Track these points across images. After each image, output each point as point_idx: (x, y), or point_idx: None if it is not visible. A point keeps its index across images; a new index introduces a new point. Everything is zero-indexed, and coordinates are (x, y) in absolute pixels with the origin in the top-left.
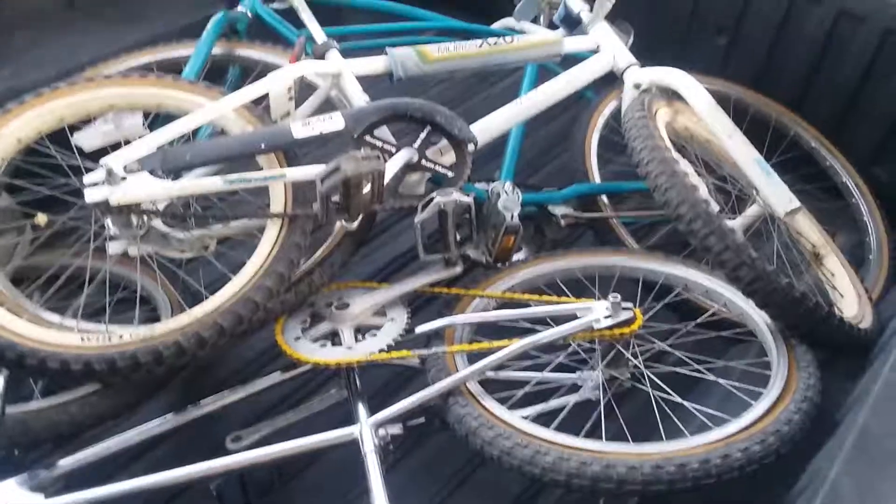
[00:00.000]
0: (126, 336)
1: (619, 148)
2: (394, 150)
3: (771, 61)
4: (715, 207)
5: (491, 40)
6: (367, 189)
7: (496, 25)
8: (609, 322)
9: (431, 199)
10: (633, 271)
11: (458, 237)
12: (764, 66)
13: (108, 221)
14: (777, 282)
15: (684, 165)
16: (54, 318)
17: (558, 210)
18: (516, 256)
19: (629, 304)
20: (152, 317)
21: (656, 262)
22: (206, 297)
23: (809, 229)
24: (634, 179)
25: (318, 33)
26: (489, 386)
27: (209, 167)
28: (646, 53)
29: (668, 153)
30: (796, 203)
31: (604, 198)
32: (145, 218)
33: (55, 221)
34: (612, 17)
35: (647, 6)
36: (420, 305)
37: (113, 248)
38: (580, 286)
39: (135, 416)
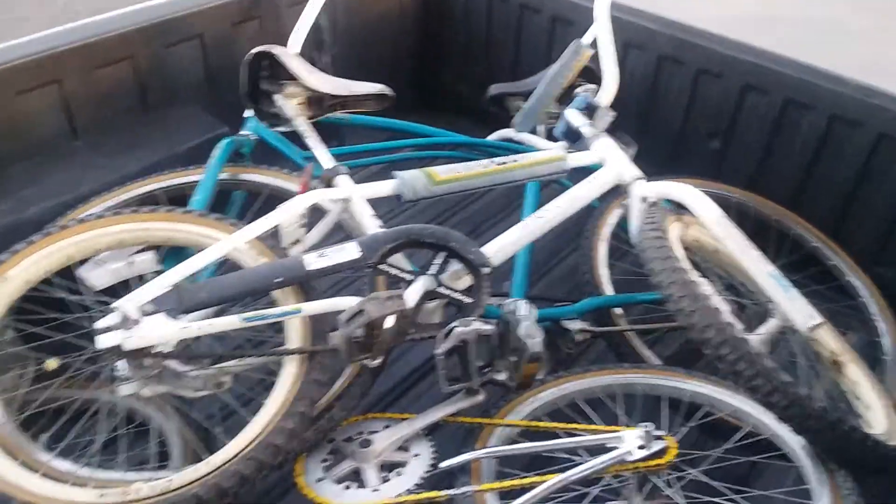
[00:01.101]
0: (144, 490)
1: (626, 254)
2: (410, 278)
3: (766, 163)
4: (740, 328)
5: (497, 160)
6: (389, 324)
7: (494, 136)
8: (643, 453)
9: (452, 329)
10: (657, 389)
11: (479, 364)
12: (759, 169)
13: (120, 364)
14: (812, 406)
15: (704, 285)
16: (65, 465)
17: (573, 325)
18: None
19: (661, 433)
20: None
21: (680, 379)
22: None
23: (828, 338)
24: (644, 287)
25: (326, 158)
26: None
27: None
28: (640, 157)
29: (688, 274)
30: (818, 318)
31: (617, 310)
32: (157, 360)
33: (66, 365)
34: (610, 129)
35: (639, 113)
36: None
37: (125, 389)
38: (601, 404)
39: None
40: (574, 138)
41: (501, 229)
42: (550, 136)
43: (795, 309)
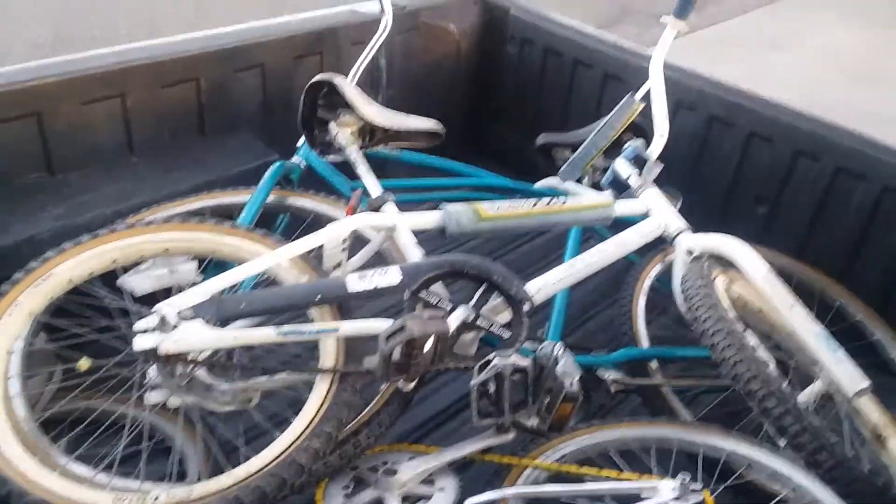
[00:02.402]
0: (162, 497)
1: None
2: (449, 307)
3: (813, 231)
4: (787, 385)
5: (544, 200)
6: (427, 348)
7: (540, 184)
8: None
9: (489, 362)
10: (692, 446)
11: (513, 401)
12: (806, 236)
13: (152, 370)
14: (860, 469)
15: (751, 336)
16: (84, 470)
17: (608, 375)
18: None
19: (698, 486)
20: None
21: (717, 437)
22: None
23: (872, 408)
24: (682, 343)
25: (374, 186)
26: None
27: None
28: (685, 215)
29: (735, 325)
30: (866, 382)
31: (653, 363)
32: (190, 367)
33: (97, 366)
34: (657, 184)
35: (686, 171)
36: None
37: (153, 397)
38: (633, 457)
39: None
40: (621, 188)
41: (542, 272)
42: (595, 188)
43: (842, 372)
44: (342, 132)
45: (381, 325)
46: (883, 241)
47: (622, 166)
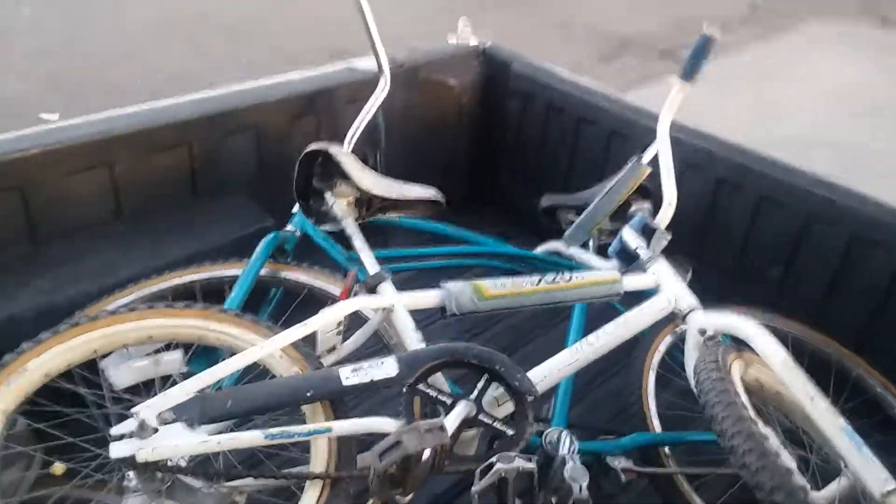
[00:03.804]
0: None
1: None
2: (449, 401)
3: (830, 298)
4: (810, 491)
5: (548, 277)
6: (426, 457)
7: (542, 248)
8: None
9: (491, 465)
10: None
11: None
12: (822, 303)
13: (131, 475)
14: None
15: (772, 438)
16: None
17: (618, 463)
18: None
19: None
20: None
21: None
22: None
23: None
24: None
25: (371, 263)
26: None
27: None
28: (694, 280)
29: (756, 426)
30: (894, 483)
31: (666, 449)
32: (171, 474)
33: (74, 471)
34: (665, 249)
35: (694, 234)
36: None
37: (132, 503)
38: None
39: None
40: (629, 259)
41: (545, 342)
42: (600, 252)
43: (868, 470)
44: (338, 203)
45: (378, 425)
46: None
47: (630, 236)
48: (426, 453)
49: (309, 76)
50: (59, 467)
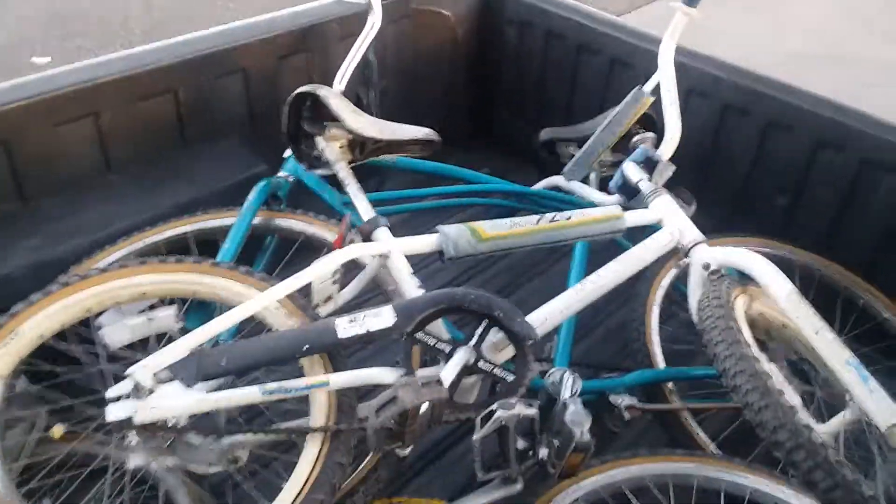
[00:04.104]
0: None
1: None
2: (447, 349)
3: (838, 225)
4: (814, 428)
5: (548, 216)
6: (423, 412)
7: (542, 184)
8: None
9: (492, 413)
10: (714, 482)
11: (520, 448)
12: (830, 230)
13: (131, 436)
14: None
15: (776, 375)
16: None
17: (621, 401)
18: None
19: None
20: None
21: (741, 473)
22: None
23: None
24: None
25: (366, 209)
26: None
27: None
28: (699, 212)
29: (759, 364)
30: None
31: (669, 384)
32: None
33: (73, 433)
34: (668, 182)
35: (699, 164)
36: None
37: (133, 461)
38: (648, 493)
39: None
40: (631, 193)
41: (545, 280)
42: (602, 186)
43: (876, 404)
44: (330, 147)
45: (376, 376)
46: None
47: (631, 170)
48: (424, 407)
49: (297, 11)
50: (58, 430)
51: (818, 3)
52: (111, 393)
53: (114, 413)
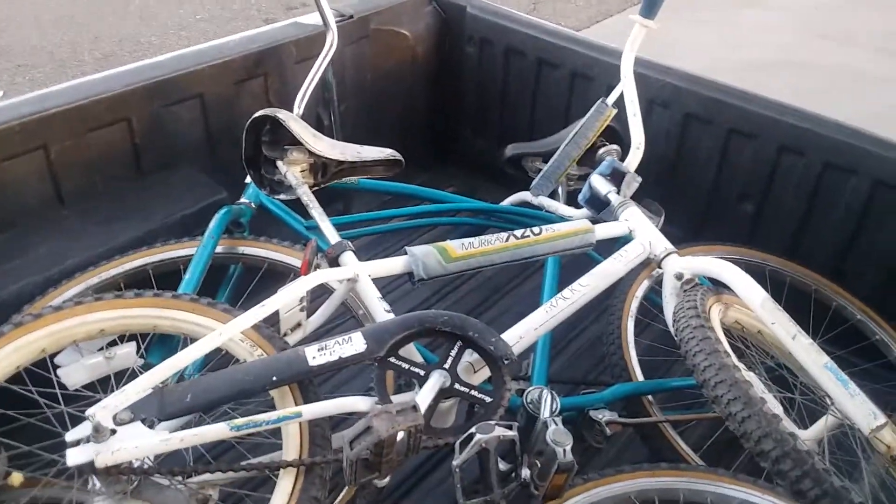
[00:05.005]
0: None
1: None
2: (422, 373)
3: (804, 229)
4: (798, 436)
5: (517, 233)
6: (400, 438)
7: (510, 200)
8: None
9: (471, 437)
10: (700, 495)
11: (501, 470)
12: (797, 235)
13: (94, 480)
14: None
15: (756, 384)
16: None
17: (601, 416)
18: None
19: None
20: None
21: (726, 485)
22: None
23: (890, 436)
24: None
25: (331, 233)
26: None
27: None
28: (667, 221)
29: (739, 373)
30: (882, 418)
31: (649, 397)
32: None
33: (33, 479)
34: (635, 195)
35: (664, 174)
36: None
37: None
38: None
39: None
40: (599, 206)
41: (517, 296)
42: (570, 200)
43: (855, 407)
44: (291, 171)
45: (349, 405)
46: (876, 236)
47: (599, 182)
48: (400, 435)
49: (252, 35)
50: (16, 478)
51: (766, 14)
52: (70, 436)
53: (74, 458)
